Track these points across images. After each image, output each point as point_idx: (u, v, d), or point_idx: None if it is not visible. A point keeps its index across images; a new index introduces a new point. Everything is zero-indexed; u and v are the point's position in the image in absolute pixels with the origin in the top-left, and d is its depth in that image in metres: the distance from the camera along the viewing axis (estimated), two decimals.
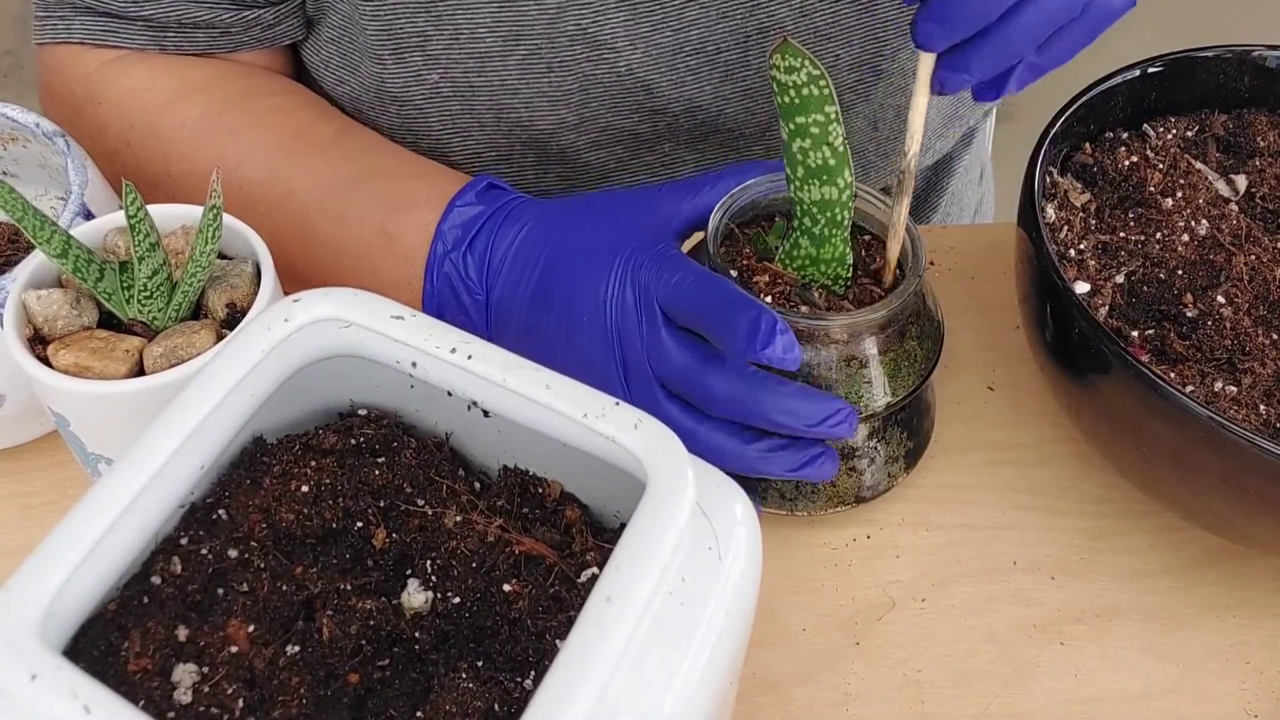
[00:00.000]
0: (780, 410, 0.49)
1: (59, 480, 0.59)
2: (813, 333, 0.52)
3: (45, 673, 0.31)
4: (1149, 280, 0.56)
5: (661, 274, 0.51)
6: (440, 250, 0.56)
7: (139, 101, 0.63)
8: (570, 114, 0.65)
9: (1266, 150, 0.62)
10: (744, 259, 0.55)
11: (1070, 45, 0.47)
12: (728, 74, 0.65)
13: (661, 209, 0.55)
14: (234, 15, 0.64)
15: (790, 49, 0.46)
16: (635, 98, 0.65)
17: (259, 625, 0.36)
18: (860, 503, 0.57)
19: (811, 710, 0.52)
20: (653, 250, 0.52)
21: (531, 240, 0.55)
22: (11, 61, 2.17)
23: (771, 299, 0.53)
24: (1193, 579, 0.57)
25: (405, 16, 0.62)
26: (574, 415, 0.37)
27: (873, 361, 0.53)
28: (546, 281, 0.54)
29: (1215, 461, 0.48)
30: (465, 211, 0.57)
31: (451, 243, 0.56)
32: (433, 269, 0.56)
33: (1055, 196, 0.59)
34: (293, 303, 0.40)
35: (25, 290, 0.50)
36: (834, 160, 0.49)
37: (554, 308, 0.54)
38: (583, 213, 0.56)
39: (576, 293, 0.53)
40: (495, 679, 0.36)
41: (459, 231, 0.56)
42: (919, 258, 0.53)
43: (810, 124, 0.48)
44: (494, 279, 0.55)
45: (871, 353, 0.53)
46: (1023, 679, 0.53)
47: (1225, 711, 0.52)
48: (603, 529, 0.41)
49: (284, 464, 0.40)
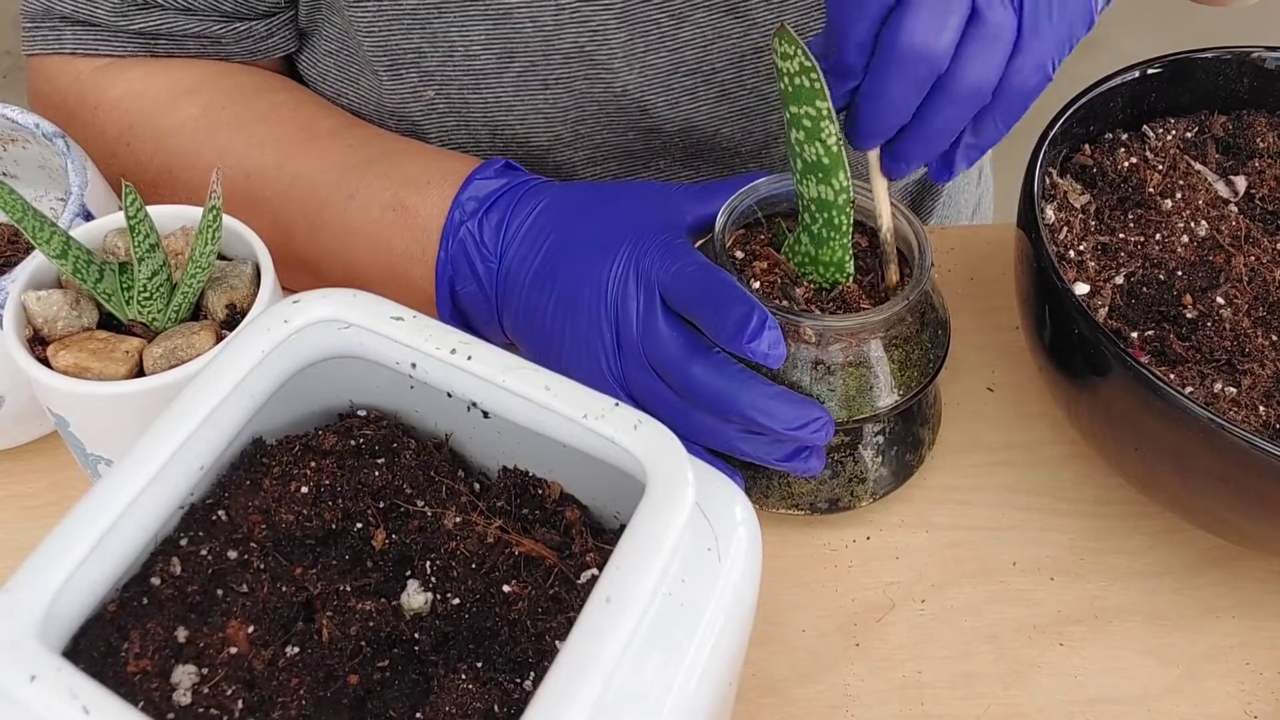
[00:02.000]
0: (759, 409, 0.49)
1: (59, 480, 0.59)
2: (785, 328, 0.51)
3: (45, 673, 0.31)
4: (1148, 281, 0.56)
5: (665, 260, 0.51)
6: (458, 217, 0.56)
7: (138, 103, 0.63)
8: (566, 130, 0.66)
9: (1266, 151, 0.62)
10: (756, 243, 0.55)
11: (997, 124, 0.49)
12: (723, 93, 0.66)
13: (677, 203, 0.55)
14: (224, 28, 0.64)
15: (787, 35, 0.46)
16: (631, 116, 0.65)
17: (258, 626, 0.36)
18: (814, 513, 0.56)
19: (812, 711, 0.52)
20: (660, 238, 0.53)
21: (546, 217, 0.55)
22: (11, 62, 2.17)
23: (759, 285, 0.54)
24: (1192, 580, 0.57)
25: (400, 33, 0.62)
26: (574, 416, 0.37)
27: (839, 372, 0.52)
28: (554, 258, 0.54)
29: (1215, 462, 0.48)
30: (484, 185, 0.57)
31: (469, 211, 0.56)
32: (449, 235, 0.56)
33: (1055, 197, 0.59)
34: (292, 304, 0.40)
35: (25, 291, 0.50)
36: (828, 159, 0.49)
37: (558, 283, 0.54)
38: (599, 197, 0.56)
39: (582, 271, 0.53)
40: (495, 680, 0.36)
41: (476, 203, 0.56)
42: (920, 280, 0.52)
43: (803, 115, 0.48)
44: (508, 246, 0.55)
45: (837, 361, 0.52)
46: (1022, 680, 0.53)
47: (1225, 712, 0.52)
48: (602, 530, 0.41)
49: (284, 465, 0.40)
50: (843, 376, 0.52)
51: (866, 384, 0.53)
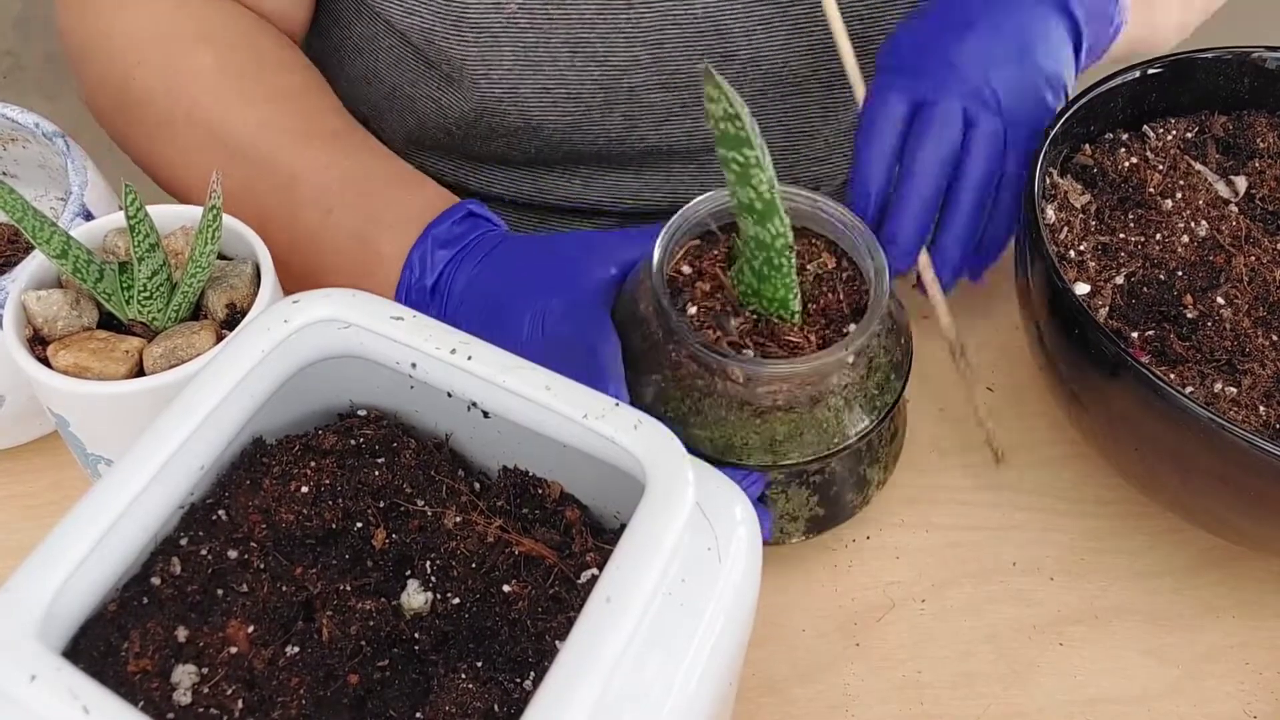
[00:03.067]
0: None
1: (59, 480, 0.59)
2: (711, 365, 0.48)
3: (45, 673, 0.31)
4: (1149, 281, 0.56)
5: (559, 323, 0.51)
6: (410, 279, 0.57)
7: (152, 35, 0.63)
8: (644, 52, 0.67)
9: (1266, 152, 0.62)
10: (708, 259, 0.52)
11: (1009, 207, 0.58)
12: (796, 27, 0.68)
13: (602, 253, 0.54)
14: None
15: (713, 79, 0.43)
16: (707, 41, 0.67)
17: (259, 626, 0.36)
18: (825, 530, 0.55)
19: (811, 711, 0.52)
20: (567, 298, 0.52)
21: (480, 281, 0.55)
22: (11, 62, 2.17)
23: (695, 310, 0.51)
24: (1192, 580, 0.57)
25: None
26: (574, 416, 0.37)
27: (768, 416, 0.48)
28: (484, 322, 0.54)
29: (1215, 462, 0.48)
30: (441, 236, 0.57)
31: (419, 272, 0.57)
32: (404, 284, 0.57)
33: (1055, 197, 0.59)
34: (292, 304, 0.40)
35: (25, 291, 0.50)
36: (760, 205, 0.46)
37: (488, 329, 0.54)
38: (527, 255, 0.56)
39: (502, 338, 0.51)
40: (495, 680, 0.36)
41: (428, 255, 0.57)
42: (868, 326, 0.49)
43: (730, 159, 0.46)
44: (453, 314, 0.56)
45: (765, 405, 0.48)
46: (1022, 680, 0.53)
47: (1225, 712, 0.52)
48: (602, 530, 0.41)
49: (284, 465, 0.40)
50: (771, 422, 0.49)
51: (796, 431, 0.49)
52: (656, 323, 0.49)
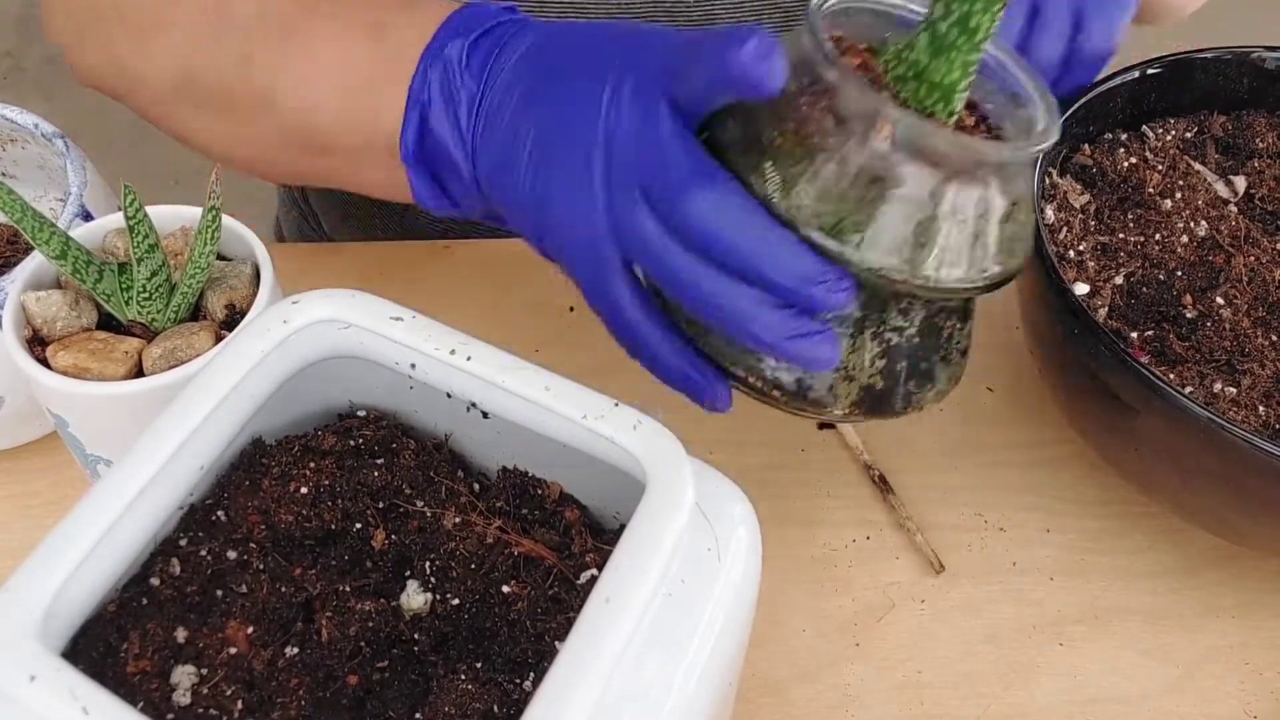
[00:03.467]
0: (762, 253, 0.40)
1: (59, 480, 0.59)
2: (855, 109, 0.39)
3: (44, 674, 0.31)
4: (1148, 281, 0.56)
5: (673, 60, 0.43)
6: (445, 35, 0.49)
7: None
8: None
9: (1265, 152, 0.62)
10: (851, 43, 0.44)
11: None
12: (788, 18, 0.67)
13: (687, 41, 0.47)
14: None
15: None
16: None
17: (258, 627, 0.36)
18: (770, 392, 0.43)
19: (811, 711, 0.52)
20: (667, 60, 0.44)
21: (539, 48, 0.48)
22: (11, 63, 2.17)
23: None
24: (1192, 580, 0.57)
25: None
26: (573, 416, 0.37)
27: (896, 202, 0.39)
28: (544, 81, 0.47)
29: (1215, 463, 0.48)
30: (481, 8, 0.50)
31: (460, 29, 0.49)
32: (432, 55, 0.49)
33: (1054, 197, 0.59)
34: (292, 304, 0.40)
35: (24, 291, 0.50)
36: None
37: (545, 106, 0.46)
38: (601, 32, 0.48)
39: (574, 89, 0.45)
40: (494, 680, 0.36)
41: (469, 24, 0.49)
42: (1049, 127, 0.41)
43: None
44: (493, 79, 0.48)
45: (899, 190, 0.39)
46: (1022, 680, 0.53)
47: (1225, 712, 0.52)
48: (602, 530, 0.41)
49: (283, 465, 0.40)
50: (900, 209, 0.39)
51: (927, 237, 0.39)
52: (796, 70, 0.41)
